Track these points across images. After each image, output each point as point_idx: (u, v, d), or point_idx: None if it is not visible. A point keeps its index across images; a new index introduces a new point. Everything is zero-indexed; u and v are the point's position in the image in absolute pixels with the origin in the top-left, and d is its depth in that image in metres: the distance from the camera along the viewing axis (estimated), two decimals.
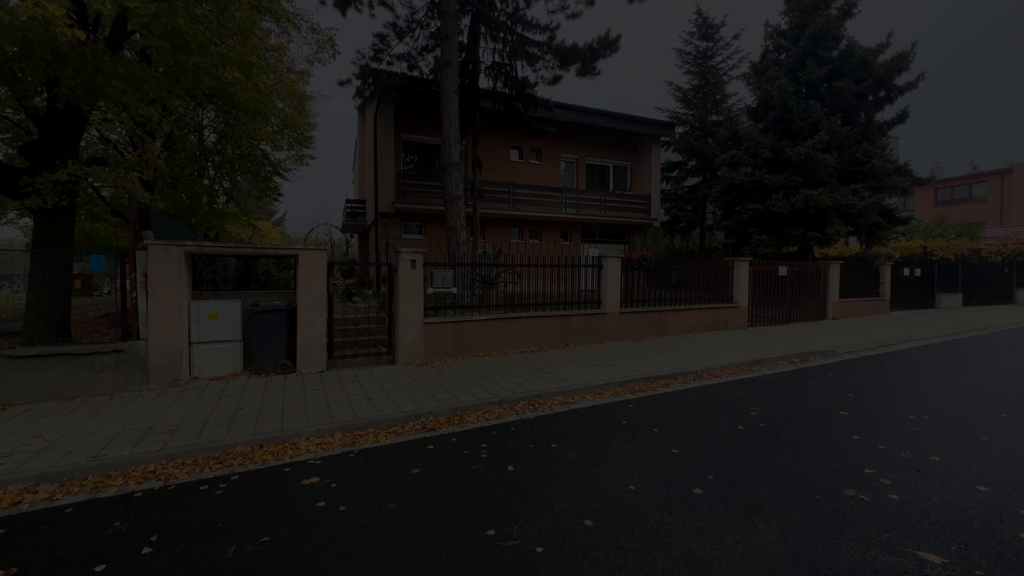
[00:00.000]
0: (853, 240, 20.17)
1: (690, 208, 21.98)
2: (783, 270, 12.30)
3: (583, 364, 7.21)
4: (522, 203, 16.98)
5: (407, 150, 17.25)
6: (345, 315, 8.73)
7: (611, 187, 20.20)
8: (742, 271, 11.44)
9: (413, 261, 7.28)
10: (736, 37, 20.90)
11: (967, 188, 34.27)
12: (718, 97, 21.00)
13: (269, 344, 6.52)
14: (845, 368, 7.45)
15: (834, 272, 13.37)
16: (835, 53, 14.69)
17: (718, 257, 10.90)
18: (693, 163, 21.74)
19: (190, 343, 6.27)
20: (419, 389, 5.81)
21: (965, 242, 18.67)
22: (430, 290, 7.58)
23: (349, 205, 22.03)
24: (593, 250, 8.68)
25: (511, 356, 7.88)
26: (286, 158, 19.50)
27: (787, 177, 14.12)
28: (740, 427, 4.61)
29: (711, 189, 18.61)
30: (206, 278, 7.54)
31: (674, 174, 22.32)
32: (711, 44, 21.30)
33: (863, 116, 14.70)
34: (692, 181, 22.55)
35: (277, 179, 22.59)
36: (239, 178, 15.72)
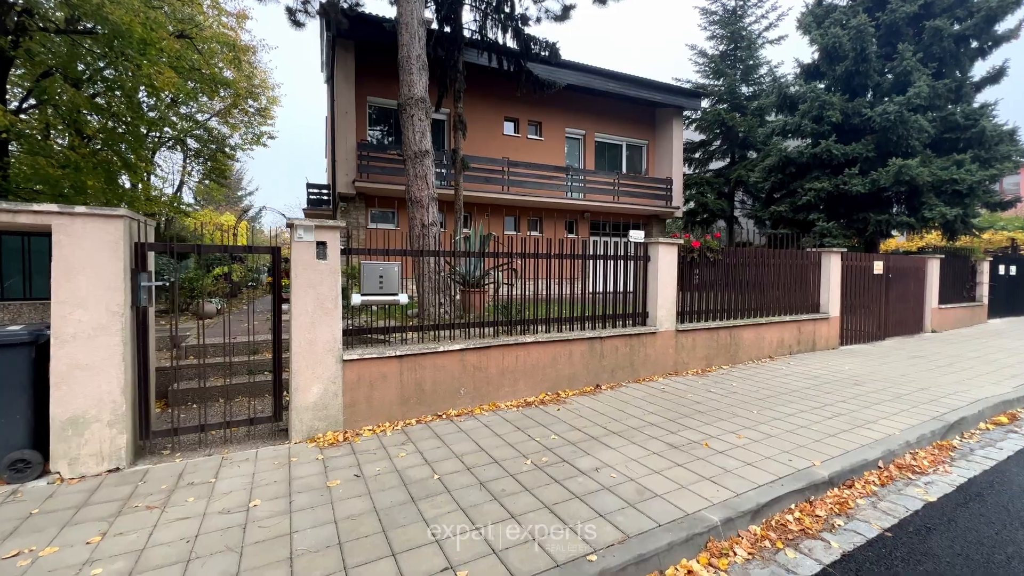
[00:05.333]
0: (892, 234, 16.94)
1: (714, 196, 18.67)
2: (879, 266, 9.00)
3: (648, 442, 3.78)
4: (519, 185, 13.56)
5: (377, 119, 13.70)
6: (236, 337, 5.26)
7: (623, 169, 16.86)
8: (832, 267, 8.10)
9: (320, 244, 3.82)
10: None
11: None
12: (751, 64, 17.71)
13: None
14: None
15: (933, 269, 10.10)
16: None
17: (799, 249, 7.71)
18: (719, 143, 18.45)
19: None
20: (279, 549, 2.35)
21: None
22: (357, 299, 4.10)
23: (311, 190, 18.52)
24: (636, 234, 5.09)
25: (507, 415, 4.46)
26: (222, 127, 15.97)
27: (864, 146, 10.81)
28: None
29: (749, 169, 15.33)
30: None
31: (696, 156, 19.01)
32: (742, 2, 18.04)
33: (959, 69, 11.42)
34: (716, 165, 19.27)
35: (227, 160, 19.00)
36: (145, 147, 12.10)
